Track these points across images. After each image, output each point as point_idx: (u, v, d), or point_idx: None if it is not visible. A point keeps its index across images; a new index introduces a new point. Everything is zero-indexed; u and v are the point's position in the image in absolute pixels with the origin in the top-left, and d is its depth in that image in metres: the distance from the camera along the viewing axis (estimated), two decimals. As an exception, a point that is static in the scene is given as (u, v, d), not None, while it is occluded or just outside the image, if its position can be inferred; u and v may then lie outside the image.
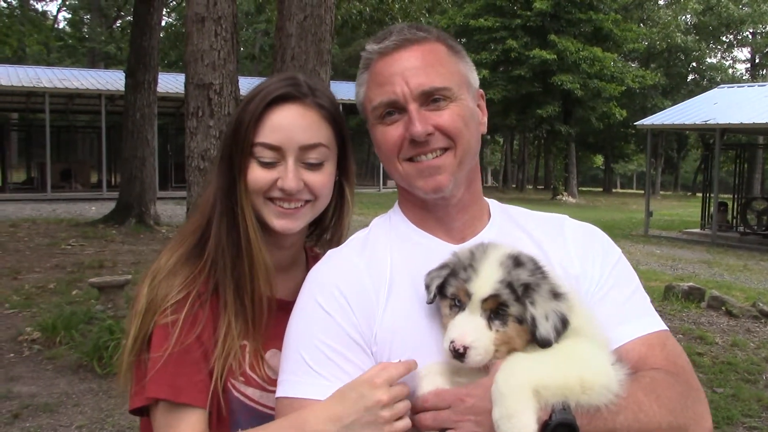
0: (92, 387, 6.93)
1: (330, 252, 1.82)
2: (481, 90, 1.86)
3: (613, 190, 65.77)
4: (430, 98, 1.70)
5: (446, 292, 1.58)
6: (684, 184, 68.74)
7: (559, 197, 41.03)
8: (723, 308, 11.01)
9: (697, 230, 24.44)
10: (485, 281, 1.51)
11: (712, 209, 23.06)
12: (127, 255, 14.38)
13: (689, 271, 15.71)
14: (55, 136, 34.17)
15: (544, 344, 1.47)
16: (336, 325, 1.64)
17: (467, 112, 1.74)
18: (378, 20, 22.22)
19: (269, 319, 1.89)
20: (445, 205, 1.77)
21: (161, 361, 1.73)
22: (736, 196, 24.19)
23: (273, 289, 1.90)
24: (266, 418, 1.79)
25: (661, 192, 56.23)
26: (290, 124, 1.84)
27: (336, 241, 2.09)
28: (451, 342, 1.49)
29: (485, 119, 1.85)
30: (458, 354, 1.48)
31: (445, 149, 1.71)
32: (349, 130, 2.01)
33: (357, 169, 2.12)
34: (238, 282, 1.86)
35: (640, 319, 1.70)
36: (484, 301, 1.51)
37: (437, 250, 1.72)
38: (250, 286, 1.86)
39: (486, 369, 1.51)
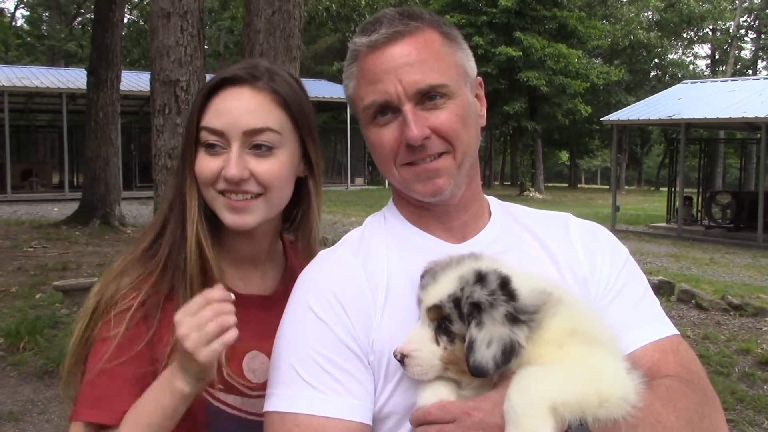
0: (59, 394, 6.65)
1: (322, 252, 1.70)
2: (480, 78, 1.73)
3: (579, 186, 66.43)
4: (426, 96, 1.57)
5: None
6: (647, 179, 69.68)
7: (526, 193, 41.19)
8: (693, 301, 11.09)
9: (663, 224, 24.75)
10: (435, 291, 1.44)
11: (677, 203, 23.33)
12: (91, 257, 14.00)
13: (658, 265, 15.83)
14: (15, 136, 33.42)
15: (476, 373, 1.34)
16: (331, 333, 1.52)
17: (466, 110, 1.62)
18: (345, 17, 22.07)
19: (247, 318, 1.74)
20: (445, 206, 1.66)
21: (93, 377, 1.61)
22: (700, 189, 24.48)
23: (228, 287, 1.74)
24: (252, 424, 1.70)
25: (626, 187, 56.86)
26: (235, 108, 1.70)
27: (305, 242, 1.97)
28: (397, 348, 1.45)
29: (484, 110, 1.74)
30: (399, 360, 1.44)
31: (442, 152, 1.60)
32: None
33: (324, 166, 1.97)
34: (191, 286, 1.71)
35: (651, 323, 1.61)
36: (429, 310, 1.43)
37: (437, 251, 1.60)
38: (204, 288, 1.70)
39: (493, 381, 1.40)
